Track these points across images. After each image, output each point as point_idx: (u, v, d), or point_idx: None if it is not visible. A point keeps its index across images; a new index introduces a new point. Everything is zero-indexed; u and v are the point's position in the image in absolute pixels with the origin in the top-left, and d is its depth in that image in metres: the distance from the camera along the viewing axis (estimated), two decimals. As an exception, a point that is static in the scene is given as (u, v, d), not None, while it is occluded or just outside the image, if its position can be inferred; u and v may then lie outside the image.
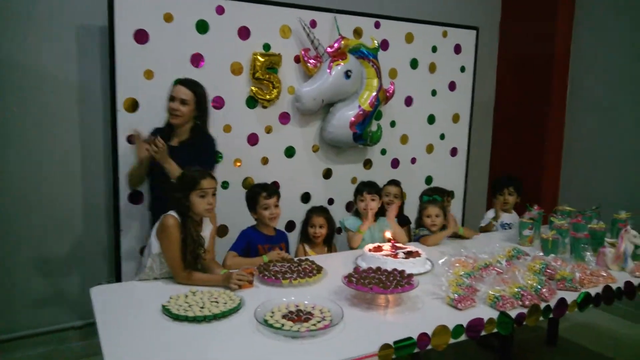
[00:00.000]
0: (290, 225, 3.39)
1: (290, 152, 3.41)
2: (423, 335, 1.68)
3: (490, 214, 3.54)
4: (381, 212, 3.09)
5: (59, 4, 2.99)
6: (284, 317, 1.81)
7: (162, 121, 2.94)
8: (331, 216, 2.99)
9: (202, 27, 2.99)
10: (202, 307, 1.88)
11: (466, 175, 4.18)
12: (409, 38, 3.72)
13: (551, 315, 1.98)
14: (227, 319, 1.85)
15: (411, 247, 2.58)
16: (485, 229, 3.45)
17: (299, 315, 1.82)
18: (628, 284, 2.20)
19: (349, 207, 3.63)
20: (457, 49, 3.94)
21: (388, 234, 2.64)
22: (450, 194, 3.59)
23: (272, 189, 2.75)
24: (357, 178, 3.63)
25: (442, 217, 3.04)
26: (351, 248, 2.92)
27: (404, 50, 3.72)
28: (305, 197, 3.52)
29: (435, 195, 3.19)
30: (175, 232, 2.20)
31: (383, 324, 1.87)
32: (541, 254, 2.54)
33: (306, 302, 1.94)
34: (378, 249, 2.53)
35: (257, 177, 3.25)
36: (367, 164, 3.74)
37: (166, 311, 1.87)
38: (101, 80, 3.13)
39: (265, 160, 3.33)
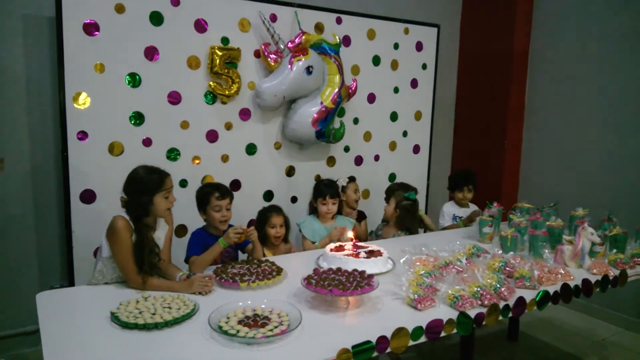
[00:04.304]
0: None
1: (251, 149, 3.34)
2: (382, 339, 1.64)
3: (450, 209, 3.58)
4: (338, 211, 3.19)
5: (3, -7, 2.83)
6: (239, 322, 1.74)
7: (114, 117, 2.83)
8: (285, 214, 2.93)
9: (156, 18, 2.87)
10: (153, 314, 1.80)
11: (428, 172, 4.19)
12: (371, 34, 3.68)
13: (510, 315, 1.98)
14: (180, 325, 1.77)
15: (373, 246, 2.54)
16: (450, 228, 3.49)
17: (255, 321, 1.76)
18: (585, 281, 2.22)
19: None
20: (419, 46, 3.93)
21: (350, 234, 2.60)
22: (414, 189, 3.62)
23: (225, 190, 2.61)
24: (320, 175, 3.60)
25: (391, 207, 3.15)
26: None
27: (366, 46, 3.69)
28: (268, 196, 3.45)
29: (411, 193, 3.19)
30: (126, 234, 2.09)
31: (342, 327, 1.83)
32: (500, 251, 2.55)
33: (263, 305, 1.88)
34: (340, 248, 2.49)
35: (217, 175, 3.18)
36: (331, 161, 3.70)
37: (115, 318, 1.77)
38: (50, 74, 2.99)
39: (225, 158, 3.24)
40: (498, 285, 2.05)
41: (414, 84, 3.98)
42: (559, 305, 2.19)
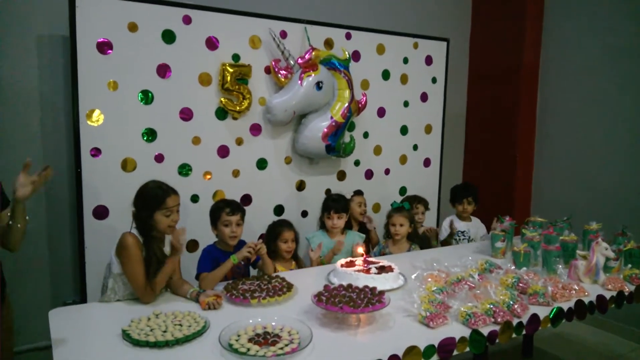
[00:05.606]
0: (264, 240, 3.32)
1: (262, 164, 3.35)
2: (393, 357, 1.63)
3: (447, 223, 3.54)
4: (348, 225, 3.17)
5: (19, 13, 2.89)
6: (250, 340, 1.74)
7: (127, 133, 2.86)
8: (296, 229, 2.94)
9: (168, 37, 2.91)
10: (164, 331, 1.80)
11: (440, 186, 4.17)
12: (380, 49, 3.70)
13: (524, 332, 1.95)
14: (191, 343, 1.77)
15: (384, 261, 2.53)
16: (446, 243, 3.45)
17: (265, 338, 1.75)
18: (600, 297, 2.18)
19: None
20: (428, 60, 3.94)
21: (360, 249, 2.59)
22: (422, 202, 3.58)
23: (236, 206, 2.63)
24: (331, 189, 3.59)
25: (407, 226, 3.10)
26: None
27: (376, 61, 3.70)
28: (279, 210, 3.45)
29: (405, 203, 3.20)
30: (136, 250, 2.11)
31: (353, 345, 1.81)
32: (513, 267, 2.52)
33: (274, 323, 1.87)
34: (350, 264, 2.48)
35: (228, 190, 3.19)
36: (341, 175, 3.70)
37: (126, 336, 1.78)
38: (64, 92, 3.04)
39: (236, 173, 3.25)
40: (511, 302, 2.03)
41: (424, 97, 3.98)
42: (575, 321, 2.16)
